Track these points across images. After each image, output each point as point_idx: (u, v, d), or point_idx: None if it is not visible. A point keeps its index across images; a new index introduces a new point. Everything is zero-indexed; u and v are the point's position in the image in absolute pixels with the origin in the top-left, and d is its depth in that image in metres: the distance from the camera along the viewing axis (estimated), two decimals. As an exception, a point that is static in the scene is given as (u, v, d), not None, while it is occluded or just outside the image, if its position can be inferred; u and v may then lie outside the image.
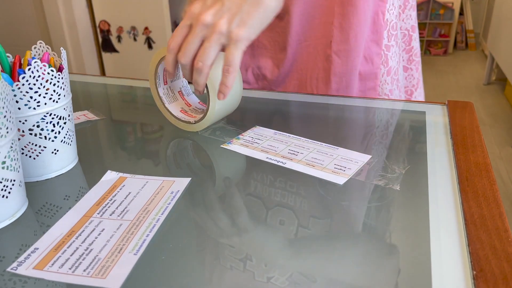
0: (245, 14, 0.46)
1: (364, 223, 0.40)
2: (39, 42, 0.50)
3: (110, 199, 0.44)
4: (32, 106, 0.44)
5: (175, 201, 0.44)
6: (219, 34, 0.47)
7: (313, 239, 0.38)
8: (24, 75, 0.43)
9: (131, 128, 0.65)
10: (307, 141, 0.56)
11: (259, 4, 0.46)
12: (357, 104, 0.67)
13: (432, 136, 0.56)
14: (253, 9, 0.46)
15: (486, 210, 0.40)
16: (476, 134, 0.55)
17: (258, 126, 0.61)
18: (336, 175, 0.48)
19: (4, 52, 0.47)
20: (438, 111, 0.63)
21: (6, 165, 0.39)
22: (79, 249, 0.37)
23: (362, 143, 0.56)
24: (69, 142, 0.49)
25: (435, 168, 0.48)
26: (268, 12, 0.47)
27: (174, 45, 0.51)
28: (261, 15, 0.47)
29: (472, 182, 0.45)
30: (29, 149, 0.46)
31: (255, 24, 0.47)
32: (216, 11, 0.47)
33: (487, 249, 0.36)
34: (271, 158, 0.52)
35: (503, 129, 2.61)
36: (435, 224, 0.39)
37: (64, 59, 0.47)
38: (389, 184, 0.45)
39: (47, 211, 0.43)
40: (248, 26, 0.47)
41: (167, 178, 0.48)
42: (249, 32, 0.47)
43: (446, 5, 4.13)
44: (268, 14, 0.48)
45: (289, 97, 0.71)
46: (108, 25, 2.43)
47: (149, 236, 0.38)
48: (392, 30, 0.73)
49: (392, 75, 0.74)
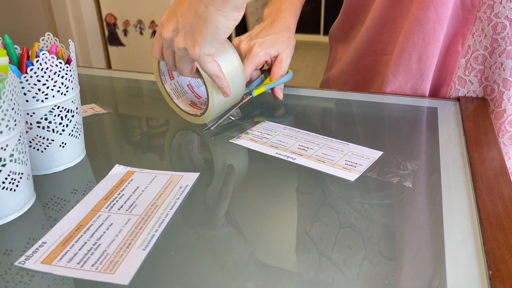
0: (197, 33, 0.45)
1: (376, 221, 0.39)
2: (47, 34, 0.50)
3: (118, 193, 0.44)
4: (40, 99, 0.44)
5: (184, 196, 0.43)
6: (180, 50, 0.48)
7: (325, 236, 0.38)
8: (32, 67, 0.42)
9: (138, 122, 0.64)
10: (317, 136, 0.55)
11: (209, 23, 0.44)
12: (367, 99, 0.66)
13: (444, 133, 0.55)
14: (204, 27, 0.44)
15: (501, 208, 0.39)
16: (490, 131, 0.54)
17: (267, 121, 0.60)
18: (347, 171, 0.47)
19: (12, 44, 0.46)
20: (450, 107, 0.62)
21: (14, 158, 0.39)
22: (87, 243, 0.36)
23: (373, 139, 0.55)
24: (77, 135, 0.49)
25: (448, 165, 0.48)
26: (221, 30, 0.44)
27: (156, 55, 0.53)
28: (212, 33, 0.44)
29: (486, 179, 0.44)
30: (36, 142, 0.46)
31: (209, 41, 0.45)
32: (173, 28, 0.47)
33: (503, 249, 0.35)
34: (281, 154, 0.51)
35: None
36: (449, 222, 0.39)
37: (72, 51, 0.47)
38: (402, 181, 0.45)
39: (55, 204, 0.43)
40: (200, 45, 0.45)
41: (175, 172, 0.47)
42: (204, 49, 0.46)
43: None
44: (221, 31, 0.45)
45: (298, 92, 0.70)
46: (114, 18, 2.43)
47: (158, 231, 0.38)
48: (473, 61, 0.63)
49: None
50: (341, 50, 0.81)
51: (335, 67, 0.81)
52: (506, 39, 0.58)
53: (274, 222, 0.40)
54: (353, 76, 0.76)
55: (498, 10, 0.58)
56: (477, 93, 0.64)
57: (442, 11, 0.59)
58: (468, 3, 0.60)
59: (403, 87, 0.67)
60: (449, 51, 0.63)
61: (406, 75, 0.65)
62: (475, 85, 0.63)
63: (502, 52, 0.59)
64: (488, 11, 0.59)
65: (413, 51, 0.63)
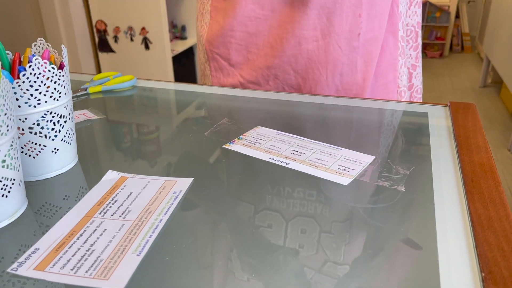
0: None
1: (370, 225, 0.40)
2: (39, 39, 0.49)
3: (111, 199, 0.44)
4: (33, 104, 0.44)
5: (178, 202, 0.43)
6: None
7: (318, 240, 0.38)
8: (25, 72, 0.42)
9: (131, 128, 0.64)
10: (310, 141, 0.56)
11: None
12: (359, 105, 0.67)
13: (435, 137, 0.56)
14: None
15: (492, 211, 0.40)
16: (479, 135, 0.54)
17: (260, 126, 0.60)
18: (340, 176, 0.47)
19: (3, 49, 0.46)
20: (440, 113, 0.63)
21: (6, 163, 0.38)
22: (81, 249, 0.36)
23: (365, 144, 0.55)
24: (69, 141, 0.48)
25: (440, 169, 0.48)
26: None
27: None
28: None
29: (477, 183, 0.44)
30: (29, 147, 0.45)
31: None
32: None
33: (495, 251, 0.35)
34: (274, 159, 0.51)
35: (499, 131, 2.62)
36: (442, 226, 0.39)
37: (65, 57, 0.46)
38: (394, 185, 0.45)
39: (47, 211, 0.42)
40: None
41: (169, 178, 0.47)
42: None
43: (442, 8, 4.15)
44: None
45: (291, 97, 0.71)
46: (104, 25, 2.42)
47: (152, 236, 0.38)
48: (404, 22, 0.74)
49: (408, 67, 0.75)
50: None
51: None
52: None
53: (268, 227, 0.40)
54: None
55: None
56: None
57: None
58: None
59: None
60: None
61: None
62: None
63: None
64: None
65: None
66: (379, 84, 0.73)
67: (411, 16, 0.78)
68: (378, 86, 0.73)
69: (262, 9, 0.71)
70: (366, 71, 0.71)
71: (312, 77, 0.72)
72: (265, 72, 0.74)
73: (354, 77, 0.71)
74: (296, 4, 0.68)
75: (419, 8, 0.78)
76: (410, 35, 0.79)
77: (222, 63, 0.77)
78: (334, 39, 0.69)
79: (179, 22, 2.86)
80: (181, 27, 2.84)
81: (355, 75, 0.71)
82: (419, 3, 0.78)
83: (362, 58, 0.70)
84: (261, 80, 0.75)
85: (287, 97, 0.71)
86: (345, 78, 0.71)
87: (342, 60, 0.70)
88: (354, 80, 0.71)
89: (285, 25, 0.70)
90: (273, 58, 0.72)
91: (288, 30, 0.70)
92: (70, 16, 2.32)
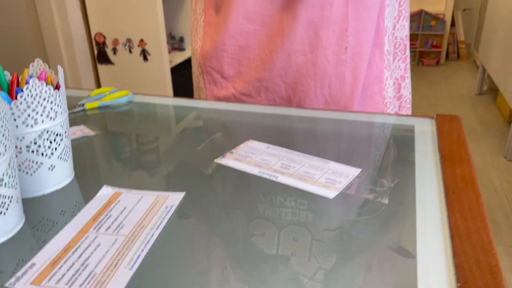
0: None
1: (352, 237, 0.41)
2: (37, 59, 0.51)
3: (106, 214, 0.45)
4: (30, 124, 0.45)
5: (170, 216, 0.45)
6: None
7: (304, 252, 0.39)
8: (22, 93, 0.44)
9: (126, 143, 0.66)
10: (299, 154, 0.57)
11: None
12: (349, 118, 0.69)
13: (420, 150, 0.57)
14: None
15: (471, 223, 0.42)
16: (463, 147, 0.56)
17: (251, 140, 0.62)
18: (327, 189, 0.49)
19: (2, 71, 0.48)
20: (426, 125, 0.65)
21: (4, 182, 0.40)
22: (75, 264, 0.38)
23: (353, 156, 0.57)
24: (65, 158, 0.50)
25: (423, 181, 0.50)
26: None
27: None
28: None
29: (458, 195, 0.46)
30: (26, 165, 0.47)
31: None
32: None
33: (472, 262, 0.37)
34: (264, 172, 0.53)
35: (495, 138, 2.64)
36: (422, 237, 0.41)
37: (61, 77, 0.48)
38: (378, 198, 0.47)
39: (44, 226, 0.44)
40: None
41: (161, 192, 0.49)
42: None
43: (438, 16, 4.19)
44: None
45: (282, 111, 0.72)
46: (103, 37, 2.45)
47: (144, 250, 0.39)
48: (390, 36, 0.76)
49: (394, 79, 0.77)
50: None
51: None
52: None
53: (258, 240, 0.41)
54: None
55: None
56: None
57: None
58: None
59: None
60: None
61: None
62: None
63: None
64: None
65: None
66: (365, 96, 0.75)
67: (400, 30, 0.80)
68: (365, 98, 0.75)
69: (252, 24, 0.73)
70: (354, 84, 0.73)
71: (301, 89, 0.74)
72: (256, 84, 0.76)
73: (342, 89, 0.73)
74: (285, 19, 0.71)
75: (407, 22, 0.80)
76: (399, 48, 0.81)
77: (216, 76, 0.80)
78: (321, 53, 0.71)
79: (177, 34, 2.89)
80: (179, 38, 2.87)
81: (343, 87, 0.73)
82: (406, 17, 0.80)
83: (350, 71, 0.72)
84: (252, 92, 0.77)
85: (279, 110, 0.73)
86: (333, 90, 0.74)
87: (330, 73, 0.72)
88: (342, 92, 0.73)
89: (275, 39, 0.72)
90: (264, 71, 0.75)
91: (277, 44, 0.72)
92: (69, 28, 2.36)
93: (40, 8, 2.28)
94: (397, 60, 0.81)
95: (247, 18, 0.73)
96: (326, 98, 0.74)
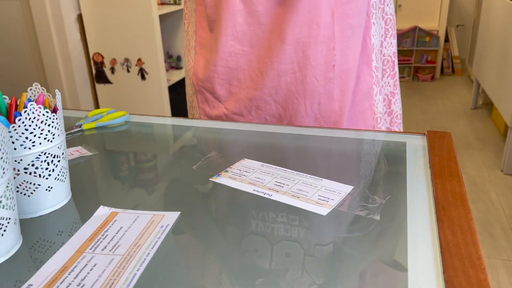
0: None
1: (345, 253, 0.42)
2: (35, 84, 0.53)
3: (102, 234, 0.46)
4: (28, 146, 0.46)
5: (165, 235, 0.45)
6: None
7: (297, 268, 0.40)
8: (21, 117, 0.45)
9: (122, 163, 0.67)
10: (293, 172, 0.58)
11: None
12: (342, 135, 0.70)
13: (412, 166, 0.58)
14: None
15: (460, 238, 0.42)
16: (453, 163, 0.57)
17: (246, 158, 0.63)
18: (320, 206, 0.50)
19: (1, 95, 0.49)
20: (418, 141, 0.66)
21: (2, 204, 0.41)
22: (72, 284, 0.38)
23: (345, 173, 0.58)
24: (62, 179, 0.51)
25: (414, 197, 0.51)
26: None
27: None
28: None
29: (448, 211, 0.47)
30: (24, 187, 0.48)
31: None
32: None
33: (461, 277, 0.37)
34: (258, 190, 0.54)
35: (491, 152, 2.65)
36: (413, 253, 0.41)
37: (58, 100, 0.50)
38: (370, 214, 0.48)
39: (41, 247, 0.45)
40: None
41: (157, 212, 0.50)
42: None
43: (431, 32, 4.25)
44: None
45: (275, 129, 0.74)
46: (101, 57, 2.48)
47: (139, 270, 0.40)
48: (378, 54, 0.79)
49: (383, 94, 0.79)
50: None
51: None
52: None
53: (253, 257, 0.42)
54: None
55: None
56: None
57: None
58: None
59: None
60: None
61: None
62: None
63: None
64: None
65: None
66: (356, 112, 0.77)
67: (387, 47, 0.82)
68: (356, 114, 0.77)
69: (241, 45, 0.75)
70: (342, 100, 0.75)
71: (292, 106, 0.76)
72: (247, 104, 0.78)
73: (331, 105, 0.75)
74: (273, 39, 0.73)
75: (394, 40, 0.82)
76: (387, 64, 0.83)
77: (208, 96, 0.82)
78: (310, 71, 0.73)
79: (174, 52, 2.93)
80: (177, 57, 2.91)
81: (332, 104, 0.75)
82: (393, 35, 0.82)
83: (338, 88, 0.74)
84: (244, 111, 0.79)
85: (272, 129, 0.74)
86: (323, 107, 0.75)
87: (319, 90, 0.74)
88: (331, 109, 0.75)
89: (264, 60, 0.74)
90: (255, 90, 0.76)
91: (267, 64, 0.74)
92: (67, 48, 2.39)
93: (39, 29, 2.31)
94: (386, 77, 0.83)
95: (236, 39, 0.75)
96: (316, 114, 0.76)
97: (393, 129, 0.87)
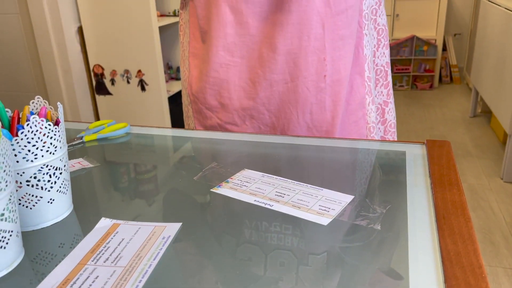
0: None
1: (346, 263, 0.42)
2: (37, 97, 0.53)
3: (104, 246, 0.46)
4: (30, 159, 0.47)
5: (167, 247, 0.45)
6: None
7: (300, 280, 0.40)
8: (23, 130, 0.46)
9: (123, 174, 0.67)
10: (293, 183, 0.59)
11: None
12: (340, 145, 0.71)
13: (411, 175, 0.59)
14: None
15: (461, 247, 0.43)
16: (452, 172, 0.58)
17: (246, 169, 0.64)
18: (321, 216, 0.50)
19: (3, 108, 0.49)
20: (417, 150, 0.67)
21: (5, 217, 0.41)
22: (74, 297, 0.38)
23: (345, 183, 0.58)
24: (64, 191, 0.51)
25: (414, 206, 0.51)
26: None
27: None
28: None
29: (448, 220, 0.47)
30: (26, 199, 0.48)
31: None
32: None
33: (462, 286, 0.38)
34: (259, 201, 0.54)
35: (491, 160, 2.65)
36: (414, 262, 0.41)
37: (60, 113, 0.50)
38: (371, 224, 0.48)
39: (43, 259, 0.45)
40: None
41: (158, 223, 0.50)
42: None
43: (429, 41, 4.28)
44: None
45: (275, 140, 0.74)
46: (102, 69, 2.49)
47: (141, 282, 0.40)
48: (371, 63, 0.79)
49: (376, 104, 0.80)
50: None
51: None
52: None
53: (255, 268, 0.42)
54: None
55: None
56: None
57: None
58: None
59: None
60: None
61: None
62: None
63: None
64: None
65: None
66: (350, 121, 0.78)
67: (380, 57, 0.83)
68: (349, 123, 0.78)
69: (232, 56, 0.76)
70: (334, 110, 0.76)
71: (284, 116, 0.77)
72: (241, 113, 0.79)
73: (323, 115, 0.76)
74: (265, 50, 0.74)
75: (386, 50, 0.84)
76: (380, 74, 0.84)
77: (200, 106, 0.83)
78: (301, 81, 0.74)
79: (174, 64, 2.94)
80: (176, 68, 2.92)
81: (324, 113, 0.76)
82: (386, 45, 0.83)
83: (330, 97, 0.75)
84: (237, 120, 0.80)
85: (269, 139, 0.75)
86: (315, 117, 0.76)
87: (311, 100, 0.75)
88: (323, 118, 0.76)
89: (256, 70, 0.75)
90: (248, 100, 0.77)
91: (259, 74, 0.75)
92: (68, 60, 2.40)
93: (39, 41, 2.33)
94: (379, 86, 0.84)
95: (227, 50, 0.76)
96: (308, 124, 0.77)
97: (387, 138, 0.87)
